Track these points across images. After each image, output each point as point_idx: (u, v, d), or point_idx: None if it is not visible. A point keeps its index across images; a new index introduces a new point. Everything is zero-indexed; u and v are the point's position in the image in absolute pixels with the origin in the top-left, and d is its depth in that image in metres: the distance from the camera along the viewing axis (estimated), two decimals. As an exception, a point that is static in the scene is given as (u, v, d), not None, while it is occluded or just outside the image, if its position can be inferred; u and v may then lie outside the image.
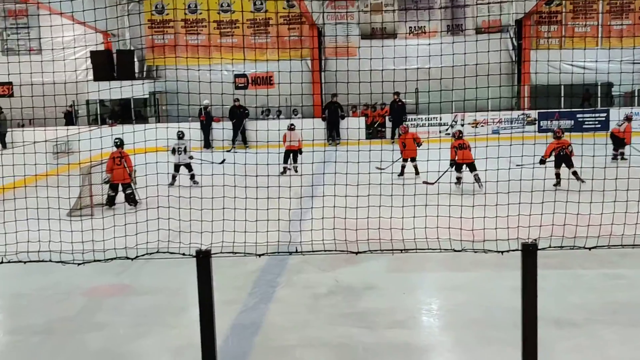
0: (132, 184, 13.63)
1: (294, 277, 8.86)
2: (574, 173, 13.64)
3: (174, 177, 15.62)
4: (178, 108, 20.12)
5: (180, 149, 16.08)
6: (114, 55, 25.03)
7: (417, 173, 15.55)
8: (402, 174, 15.63)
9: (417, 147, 15.98)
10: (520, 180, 6.98)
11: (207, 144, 23.98)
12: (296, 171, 17.17)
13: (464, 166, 14.19)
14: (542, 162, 13.94)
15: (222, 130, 23.55)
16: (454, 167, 14.25)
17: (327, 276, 8.77)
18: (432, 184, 11.92)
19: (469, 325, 7.12)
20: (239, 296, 8.12)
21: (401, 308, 7.71)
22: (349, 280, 8.57)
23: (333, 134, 24.51)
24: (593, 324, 6.95)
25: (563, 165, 14.05)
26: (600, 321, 7.01)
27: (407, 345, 6.66)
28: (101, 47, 25.56)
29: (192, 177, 15.89)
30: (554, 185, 13.47)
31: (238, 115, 23.91)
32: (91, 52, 24.86)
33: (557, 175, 14.01)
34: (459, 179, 14.27)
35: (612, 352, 6.28)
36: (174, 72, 12.86)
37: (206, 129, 24.26)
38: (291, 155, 17.68)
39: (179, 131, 14.61)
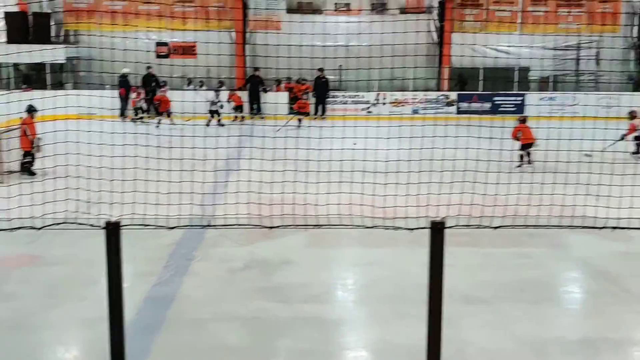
0: (33, 153, 13.16)
1: (210, 251, 8.80)
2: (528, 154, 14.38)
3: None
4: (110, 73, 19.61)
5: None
6: (29, 18, 24.06)
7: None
8: None
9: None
10: (431, 160, 7.13)
11: (122, 113, 23.30)
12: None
13: None
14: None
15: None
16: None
17: (243, 250, 8.75)
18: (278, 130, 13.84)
19: (382, 300, 7.25)
20: (153, 269, 8.03)
21: (316, 283, 7.77)
22: (265, 255, 8.57)
23: (254, 107, 24.38)
24: (500, 300, 7.18)
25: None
26: (507, 298, 7.26)
27: (321, 319, 6.73)
28: (16, 9, 24.55)
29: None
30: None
31: (151, 84, 23.42)
32: (5, 13, 23.82)
33: (521, 158, 14.40)
34: None
35: (516, 327, 6.50)
36: (92, 38, 12.48)
37: (123, 98, 23.57)
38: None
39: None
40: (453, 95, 25.22)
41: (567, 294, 7.84)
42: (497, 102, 25.15)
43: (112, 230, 3.94)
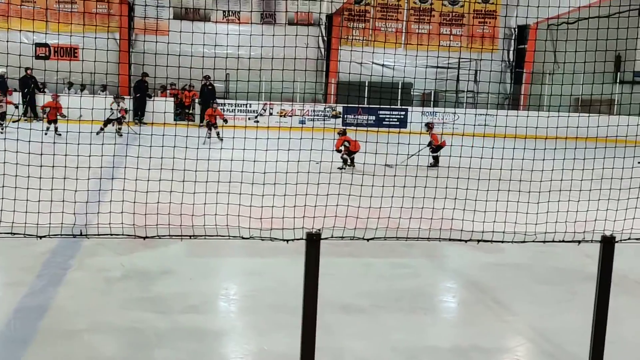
0: None
1: (87, 260, 8.55)
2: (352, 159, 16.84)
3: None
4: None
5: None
6: None
7: None
8: None
9: None
10: (308, 172, 7.25)
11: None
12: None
13: None
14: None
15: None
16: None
17: (122, 260, 8.56)
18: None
19: (262, 310, 7.27)
20: (25, 278, 7.70)
21: (197, 293, 7.70)
22: (145, 264, 8.42)
23: (139, 113, 23.97)
24: (378, 310, 7.35)
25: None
26: (385, 307, 7.44)
27: (200, 330, 6.66)
28: None
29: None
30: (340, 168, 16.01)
31: (30, 86, 22.56)
32: None
33: (345, 161, 16.76)
34: None
35: (393, 336, 6.67)
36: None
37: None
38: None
39: None
40: (339, 107, 25.67)
41: (441, 303, 8.12)
42: (381, 116, 25.81)
43: (-22, 239, 3.78)
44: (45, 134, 18.04)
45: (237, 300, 7.81)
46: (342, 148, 16.73)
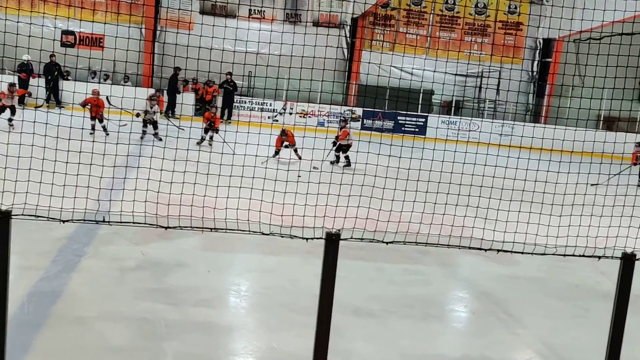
0: None
1: (102, 248, 8.59)
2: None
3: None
4: None
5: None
6: None
7: None
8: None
9: None
10: (331, 172, 7.24)
11: (22, 101, 22.42)
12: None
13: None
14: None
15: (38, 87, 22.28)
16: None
17: (137, 249, 8.60)
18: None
19: (274, 308, 7.26)
20: (41, 263, 7.76)
21: (209, 287, 7.72)
22: (159, 256, 8.45)
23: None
24: (388, 315, 7.33)
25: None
26: (396, 313, 7.42)
27: (210, 324, 6.68)
28: None
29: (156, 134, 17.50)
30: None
31: (54, 72, 22.63)
32: None
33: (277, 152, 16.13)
34: None
35: (402, 342, 6.65)
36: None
37: (24, 85, 22.65)
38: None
39: None
40: (359, 111, 25.63)
41: (452, 312, 8.08)
42: (400, 122, 25.74)
43: (2, 220, 3.79)
44: (91, 133, 16.04)
45: (248, 297, 7.81)
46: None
